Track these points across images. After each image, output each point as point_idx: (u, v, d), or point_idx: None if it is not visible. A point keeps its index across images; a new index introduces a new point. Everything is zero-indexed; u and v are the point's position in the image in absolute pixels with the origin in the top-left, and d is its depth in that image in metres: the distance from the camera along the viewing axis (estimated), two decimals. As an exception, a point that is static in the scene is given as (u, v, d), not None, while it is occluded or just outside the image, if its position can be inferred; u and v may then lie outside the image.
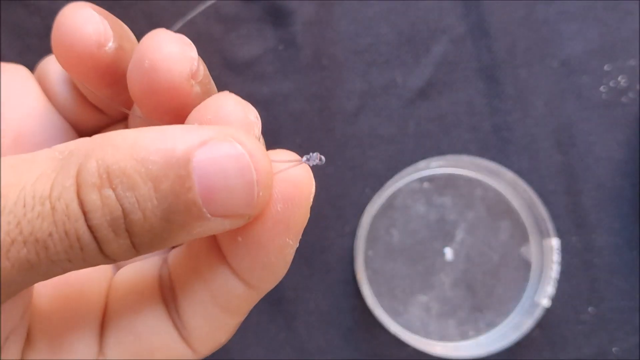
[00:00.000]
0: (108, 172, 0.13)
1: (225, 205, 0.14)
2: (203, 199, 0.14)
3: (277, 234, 0.15)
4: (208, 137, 0.14)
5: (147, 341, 0.17)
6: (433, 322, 0.33)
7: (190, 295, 0.17)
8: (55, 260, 0.14)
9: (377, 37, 0.34)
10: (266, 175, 0.14)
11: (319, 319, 0.33)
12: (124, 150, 0.14)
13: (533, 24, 0.34)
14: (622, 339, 0.33)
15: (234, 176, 0.14)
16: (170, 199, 0.14)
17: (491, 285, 0.34)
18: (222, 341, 0.18)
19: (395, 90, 0.34)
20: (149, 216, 0.14)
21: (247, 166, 0.14)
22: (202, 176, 0.14)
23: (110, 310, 0.18)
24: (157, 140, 0.14)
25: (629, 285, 0.34)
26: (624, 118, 0.34)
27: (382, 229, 0.34)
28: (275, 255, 0.16)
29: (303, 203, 0.15)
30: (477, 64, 0.34)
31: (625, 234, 0.34)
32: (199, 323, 0.17)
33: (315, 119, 0.34)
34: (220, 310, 0.17)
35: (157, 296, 0.17)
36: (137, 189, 0.14)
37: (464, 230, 0.34)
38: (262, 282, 0.16)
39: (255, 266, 0.16)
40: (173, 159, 0.14)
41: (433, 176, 0.34)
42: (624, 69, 0.34)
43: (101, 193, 0.13)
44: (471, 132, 0.34)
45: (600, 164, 0.34)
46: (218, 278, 0.16)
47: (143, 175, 0.14)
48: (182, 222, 0.14)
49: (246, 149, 0.14)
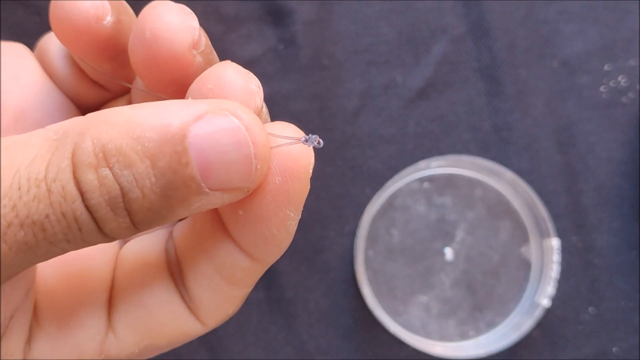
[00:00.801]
0: (104, 151, 0.13)
1: (223, 179, 0.14)
2: (201, 173, 0.14)
3: (278, 206, 0.15)
4: (203, 111, 0.14)
5: (156, 315, 0.17)
6: (433, 322, 0.33)
7: (195, 268, 0.17)
8: (53, 241, 0.14)
9: (377, 37, 0.34)
10: (263, 148, 0.14)
11: (319, 319, 0.33)
12: (119, 127, 0.14)
13: (533, 24, 0.34)
14: (622, 339, 0.33)
15: (231, 150, 0.14)
16: (168, 176, 0.14)
17: (491, 285, 0.34)
18: (229, 313, 0.18)
19: (395, 90, 0.34)
20: (147, 194, 0.14)
21: (244, 139, 0.14)
22: (199, 151, 0.14)
23: (117, 285, 0.18)
24: (152, 116, 0.14)
25: (629, 285, 0.34)
26: (624, 118, 0.34)
27: (382, 229, 0.34)
28: (277, 227, 0.16)
29: (302, 175, 0.15)
30: (477, 64, 0.34)
31: (625, 234, 0.34)
32: (206, 296, 0.17)
33: (315, 119, 0.34)
34: (225, 282, 0.17)
35: (164, 270, 0.17)
36: (134, 167, 0.13)
37: (464, 230, 0.34)
38: (265, 255, 0.16)
39: (257, 239, 0.16)
40: (169, 135, 0.13)
41: (433, 176, 0.34)
42: (624, 69, 0.34)
43: (98, 172, 0.13)
44: (471, 132, 0.34)
45: (601, 164, 0.34)
46: (222, 251, 0.16)
47: (140, 152, 0.13)
48: (181, 198, 0.14)
49: (242, 122, 0.14)
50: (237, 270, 0.17)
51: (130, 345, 0.17)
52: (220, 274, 0.17)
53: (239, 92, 0.15)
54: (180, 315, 0.17)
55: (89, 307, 0.17)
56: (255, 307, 0.33)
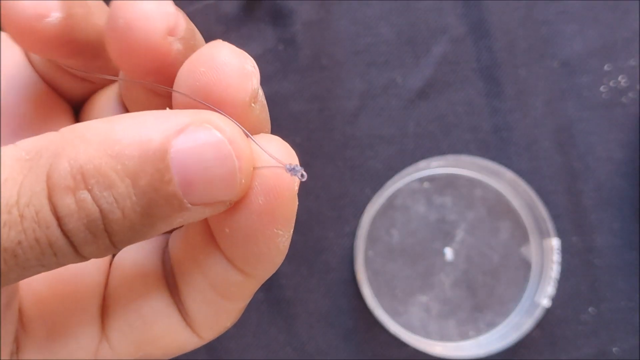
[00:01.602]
0: (82, 173, 0.13)
1: (206, 194, 0.14)
2: (183, 189, 0.13)
3: (263, 225, 0.15)
4: (184, 123, 0.13)
5: (152, 325, 0.16)
6: (433, 322, 0.33)
7: (189, 282, 0.16)
8: (25, 266, 0.13)
9: (377, 37, 0.34)
10: (247, 163, 0.14)
11: (319, 320, 0.33)
12: (96, 145, 0.13)
13: (533, 24, 0.34)
14: (622, 339, 0.33)
15: (214, 165, 0.13)
16: (149, 194, 0.13)
17: (491, 286, 0.34)
18: (227, 325, 0.17)
19: (395, 90, 0.34)
20: (128, 214, 0.13)
21: (228, 153, 0.13)
22: (181, 167, 0.13)
23: (112, 293, 0.17)
24: (130, 131, 0.13)
25: (629, 285, 0.34)
26: (624, 118, 0.34)
27: (382, 229, 0.34)
28: (266, 245, 0.15)
29: (286, 194, 0.15)
30: (477, 64, 0.34)
31: (625, 234, 0.34)
32: (201, 309, 0.17)
33: (315, 119, 0.34)
34: (219, 297, 0.16)
35: (161, 280, 0.17)
36: (115, 188, 0.13)
37: (464, 231, 0.34)
38: (257, 271, 0.16)
39: (246, 256, 0.15)
40: (150, 152, 0.13)
41: (433, 176, 0.34)
42: (624, 69, 0.34)
43: (76, 196, 0.13)
44: (471, 132, 0.34)
45: (601, 164, 0.34)
46: (215, 266, 0.16)
47: (120, 172, 0.13)
48: (163, 215, 0.13)
49: (225, 135, 0.13)
50: (231, 285, 0.16)
51: (125, 355, 0.17)
52: (214, 288, 0.16)
53: (234, 73, 0.14)
54: (177, 327, 0.17)
55: (81, 315, 0.17)
56: (255, 308, 0.33)
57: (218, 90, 0.14)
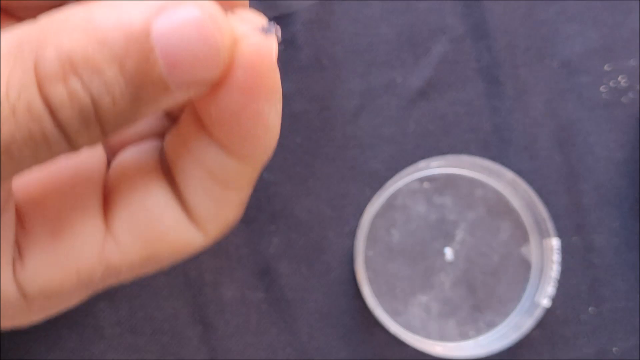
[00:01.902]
0: (70, 60, 0.12)
1: (189, 74, 0.13)
2: (167, 70, 0.13)
3: (246, 101, 0.14)
4: (163, 4, 0.13)
5: (157, 219, 0.16)
6: (433, 322, 0.33)
7: (186, 173, 0.16)
8: (19, 161, 0.13)
9: (377, 37, 0.34)
10: (228, 38, 0.14)
11: (319, 320, 0.33)
12: (81, 32, 0.12)
13: (533, 24, 0.34)
14: (623, 339, 0.33)
15: (196, 43, 0.13)
16: (137, 78, 0.13)
17: (491, 286, 0.34)
18: (229, 218, 0.17)
19: (395, 90, 0.34)
20: (117, 100, 0.13)
21: (210, 30, 0.13)
22: (164, 47, 0.13)
23: (113, 190, 0.17)
24: (112, 15, 0.12)
25: (630, 285, 0.34)
26: (624, 118, 0.34)
27: (382, 229, 0.34)
28: (253, 123, 0.15)
29: (265, 66, 0.14)
30: (477, 64, 0.34)
31: (625, 234, 0.34)
32: (201, 201, 0.16)
33: (315, 119, 0.34)
34: (218, 185, 0.16)
35: (161, 177, 0.17)
36: (103, 74, 0.12)
37: (464, 230, 0.34)
38: (250, 152, 0.16)
39: (236, 137, 0.15)
40: (133, 35, 0.12)
41: (433, 176, 0.34)
42: (624, 69, 0.34)
43: (67, 84, 0.12)
44: (471, 132, 0.34)
45: (601, 164, 0.34)
46: (208, 153, 0.16)
47: (107, 56, 0.12)
48: (149, 99, 0.13)
49: (205, 12, 0.13)
50: (227, 172, 0.16)
51: (131, 252, 0.16)
52: (211, 177, 0.16)
53: None
54: (181, 222, 0.16)
55: (83, 210, 0.16)
56: (255, 308, 0.33)
57: None
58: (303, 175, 0.34)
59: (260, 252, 0.33)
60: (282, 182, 0.34)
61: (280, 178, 0.34)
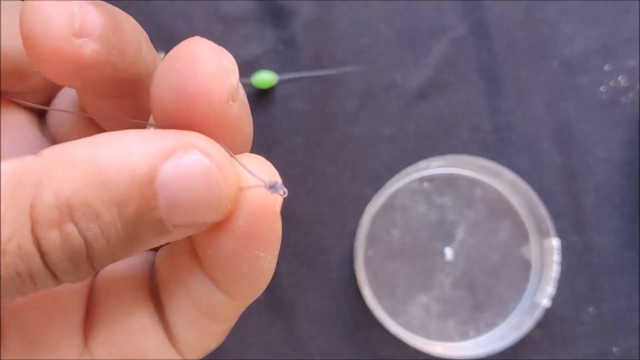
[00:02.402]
0: (69, 205, 0.12)
1: (190, 217, 0.13)
2: (167, 214, 0.13)
3: (244, 247, 0.14)
4: (171, 148, 0.13)
5: (137, 341, 0.16)
6: (433, 322, 0.33)
7: (173, 300, 0.16)
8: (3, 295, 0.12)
9: (377, 37, 0.34)
10: (234, 187, 0.13)
11: (319, 320, 0.33)
12: (81, 173, 0.12)
13: (533, 24, 0.34)
14: (623, 339, 0.33)
15: (201, 190, 0.13)
16: (135, 221, 0.13)
17: (491, 286, 0.34)
18: (211, 347, 0.17)
19: (395, 90, 0.34)
20: (113, 242, 0.13)
21: (216, 179, 0.13)
22: (167, 193, 0.13)
23: (96, 306, 0.16)
24: (117, 156, 0.12)
25: (629, 285, 0.34)
26: (624, 118, 0.34)
27: (382, 229, 0.34)
28: (249, 267, 0.15)
29: (267, 217, 0.14)
30: (477, 64, 0.34)
31: (625, 234, 0.34)
32: (185, 329, 0.16)
33: (315, 119, 0.34)
34: (204, 317, 0.16)
35: (148, 297, 0.16)
36: (101, 218, 0.12)
37: (464, 230, 0.34)
38: (241, 293, 0.16)
39: (229, 277, 0.15)
40: (137, 179, 0.12)
41: (433, 176, 0.34)
42: (624, 68, 0.34)
43: (61, 230, 0.12)
44: (471, 132, 0.34)
45: (601, 164, 0.34)
46: (199, 286, 0.15)
47: (107, 202, 0.12)
48: (145, 239, 0.13)
49: (214, 161, 0.13)
50: (215, 306, 0.16)
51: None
52: (198, 308, 0.16)
53: (212, 70, 0.13)
54: (161, 345, 0.16)
55: (62, 326, 0.16)
56: (255, 308, 0.33)
57: (195, 87, 0.13)
58: (303, 175, 0.34)
59: (260, 252, 0.33)
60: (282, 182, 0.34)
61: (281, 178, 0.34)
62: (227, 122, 0.14)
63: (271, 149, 0.34)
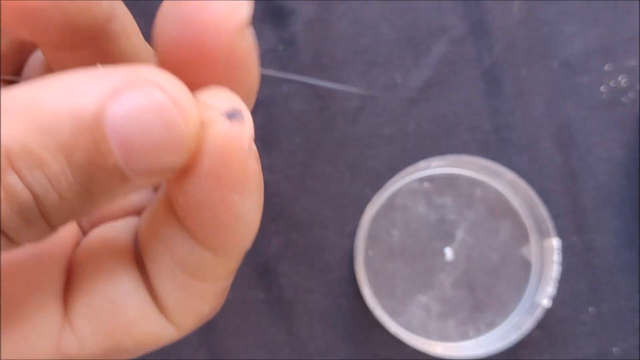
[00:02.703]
0: (7, 153, 0.11)
1: (150, 163, 0.12)
2: (124, 160, 0.12)
3: (214, 191, 0.13)
4: (120, 85, 0.11)
5: (120, 309, 0.15)
6: (433, 322, 0.33)
7: (155, 261, 0.15)
8: None
9: (377, 37, 0.34)
10: (194, 125, 0.12)
11: (319, 320, 0.33)
12: (21, 118, 0.11)
13: (533, 23, 0.34)
14: (623, 339, 0.33)
15: (157, 130, 0.12)
16: (87, 170, 0.11)
17: (491, 286, 0.34)
18: (204, 311, 0.15)
19: (395, 90, 0.34)
20: (66, 195, 0.11)
21: (173, 117, 0.12)
22: (119, 135, 0.11)
23: (76, 271, 0.15)
24: (59, 98, 0.11)
25: (630, 285, 0.34)
26: (624, 118, 0.34)
27: (382, 229, 0.34)
28: (224, 214, 0.13)
29: (235, 155, 0.13)
30: (477, 64, 0.34)
31: (625, 234, 0.34)
32: (170, 292, 0.15)
33: (315, 119, 0.34)
34: (189, 277, 0.15)
35: (132, 262, 0.15)
36: (47, 167, 0.11)
37: (464, 231, 0.34)
38: (223, 245, 0.14)
39: (206, 227, 0.14)
40: (81, 123, 0.11)
41: (433, 176, 0.34)
42: (624, 68, 0.34)
43: (2, 180, 0.11)
44: (471, 132, 0.34)
45: (601, 164, 0.34)
46: (179, 243, 0.14)
47: (51, 147, 0.11)
48: (104, 190, 0.12)
49: (170, 96, 0.12)
50: (199, 263, 0.14)
51: (91, 343, 0.14)
52: (182, 268, 0.14)
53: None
54: (149, 314, 0.15)
55: (41, 295, 0.14)
56: (254, 308, 0.33)
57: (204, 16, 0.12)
58: (303, 175, 0.34)
59: (260, 252, 0.33)
60: (282, 182, 0.34)
61: (280, 178, 0.34)
62: (236, 59, 0.13)
63: (271, 149, 0.34)
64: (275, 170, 0.34)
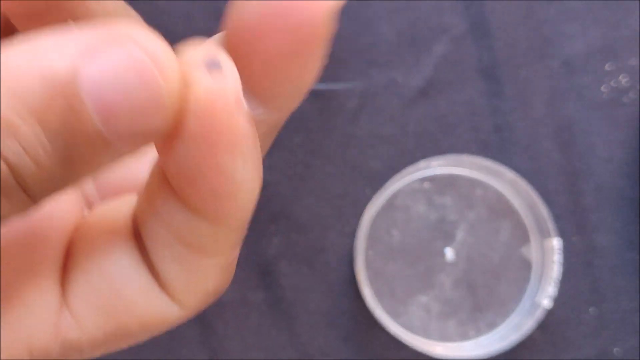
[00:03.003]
0: None
1: (131, 124, 0.11)
2: (104, 123, 0.11)
3: (203, 153, 0.12)
4: (93, 44, 0.10)
5: (121, 288, 0.14)
6: (433, 322, 0.33)
7: (153, 236, 0.14)
8: None
9: (377, 36, 0.34)
10: (175, 82, 0.11)
11: (320, 320, 0.33)
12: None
13: (534, 23, 0.34)
14: (624, 339, 0.33)
15: (136, 90, 0.11)
16: (64, 135, 0.11)
17: (492, 286, 0.34)
18: (208, 288, 0.15)
19: (395, 90, 0.34)
20: (43, 163, 0.11)
21: (152, 76, 0.11)
22: (97, 97, 0.11)
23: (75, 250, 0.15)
24: (28, 60, 0.10)
25: (630, 285, 0.34)
26: (625, 118, 0.34)
27: (382, 229, 0.34)
28: (218, 179, 0.12)
29: (220, 112, 0.12)
30: (478, 64, 0.34)
31: (626, 234, 0.34)
32: (171, 268, 0.14)
33: (315, 118, 0.34)
34: (189, 251, 0.14)
35: (131, 239, 0.14)
36: (19, 134, 0.10)
37: (464, 231, 0.34)
38: (219, 214, 0.13)
39: (198, 195, 0.13)
40: (54, 85, 0.10)
41: (433, 176, 0.34)
42: (625, 68, 0.34)
43: None
44: (471, 132, 0.34)
45: (601, 164, 0.34)
46: (175, 214, 0.13)
47: (22, 112, 0.10)
48: (85, 157, 0.11)
49: (147, 52, 0.11)
50: (198, 235, 0.13)
51: (91, 326, 0.14)
52: (180, 241, 0.14)
53: None
54: (150, 292, 0.14)
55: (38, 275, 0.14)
56: (254, 308, 0.33)
57: None
58: (303, 175, 0.34)
59: (260, 252, 0.33)
60: (282, 182, 0.34)
61: (280, 178, 0.34)
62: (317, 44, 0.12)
63: (271, 149, 0.34)
64: (275, 170, 0.34)
